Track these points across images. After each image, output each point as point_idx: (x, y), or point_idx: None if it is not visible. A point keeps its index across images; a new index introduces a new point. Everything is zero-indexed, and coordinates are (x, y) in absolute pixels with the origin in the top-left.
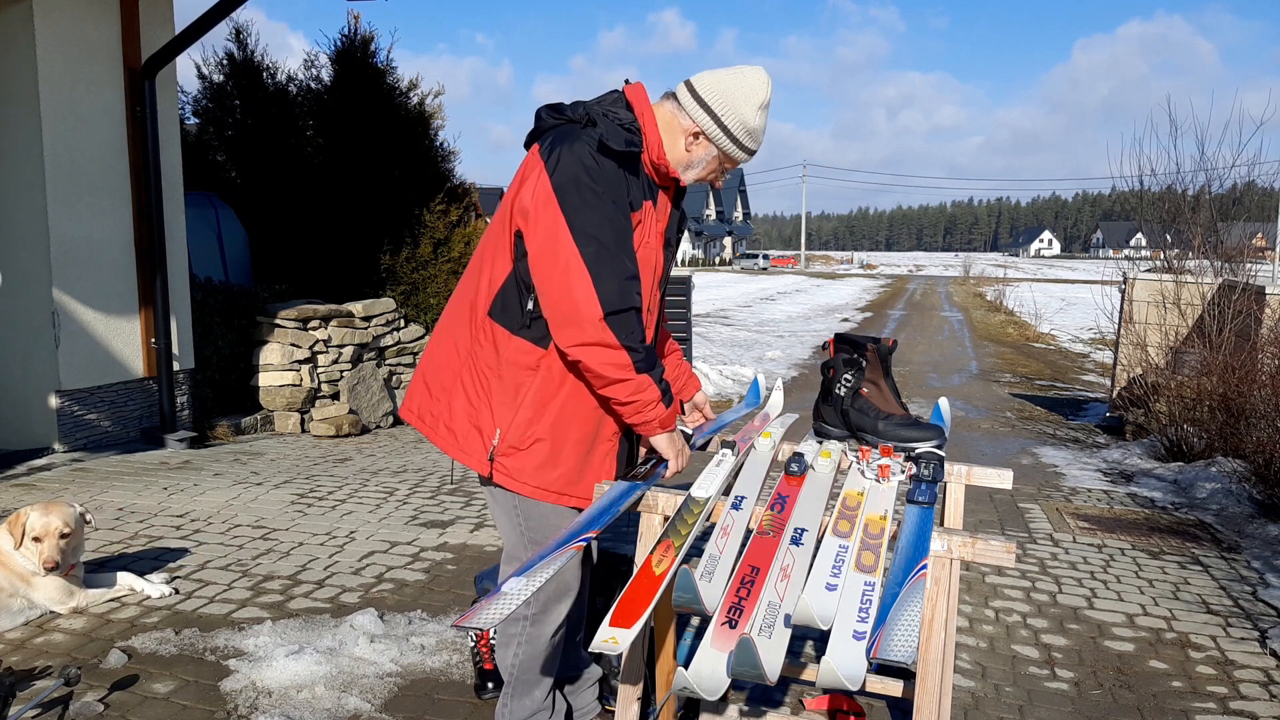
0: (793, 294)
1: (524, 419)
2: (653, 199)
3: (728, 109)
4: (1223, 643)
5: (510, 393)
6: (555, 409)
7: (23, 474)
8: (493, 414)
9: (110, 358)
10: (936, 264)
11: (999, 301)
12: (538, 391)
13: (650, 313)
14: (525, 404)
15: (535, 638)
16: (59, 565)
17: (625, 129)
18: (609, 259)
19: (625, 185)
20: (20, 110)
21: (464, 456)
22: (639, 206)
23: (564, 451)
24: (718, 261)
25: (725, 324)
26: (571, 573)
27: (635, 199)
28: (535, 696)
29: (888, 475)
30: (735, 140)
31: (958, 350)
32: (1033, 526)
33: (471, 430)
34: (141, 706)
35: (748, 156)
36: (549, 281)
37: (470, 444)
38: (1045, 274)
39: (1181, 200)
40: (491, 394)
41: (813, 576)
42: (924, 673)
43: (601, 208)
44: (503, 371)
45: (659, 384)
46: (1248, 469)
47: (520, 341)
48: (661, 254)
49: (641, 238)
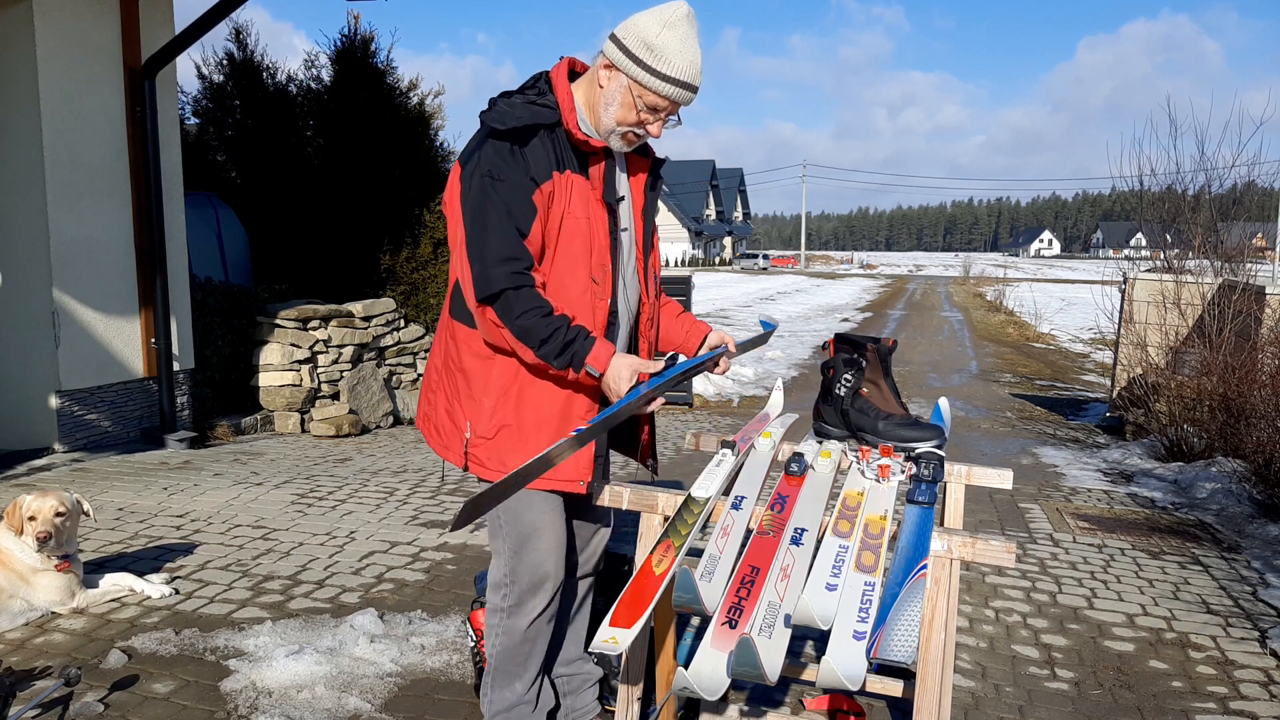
0: (793, 294)
1: (488, 408)
2: (575, 167)
3: (629, 30)
4: (1223, 643)
5: (474, 384)
6: (515, 394)
7: (23, 474)
8: (462, 408)
9: (110, 358)
10: (936, 264)
11: (999, 301)
12: (497, 379)
13: (598, 284)
14: (488, 393)
15: (511, 629)
16: (51, 537)
17: (533, 104)
18: (485, 242)
19: (523, 162)
20: (20, 110)
21: (447, 453)
22: (545, 177)
23: (532, 435)
24: (718, 261)
25: (725, 324)
26: (551, 562)
27: (541, 172)
28: (516, 689)
29: (888, 475)
30: (638, 60)
31: (958, 350)
32: (1033, 526)
33: (451, 426)
34: (141, 707)
35: (660, 84)
36: (455, 270)
37: (451, 440)
38: (1045, 274)
39: (1181, 200)
40: (459, 389)
41: (813, 576)
42: (924, 673)
43: (486, 192)
44: (465, 365)
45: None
46: (1248, 469)
47: (474, 333)
48: (600, 223)
49: (563, 208)
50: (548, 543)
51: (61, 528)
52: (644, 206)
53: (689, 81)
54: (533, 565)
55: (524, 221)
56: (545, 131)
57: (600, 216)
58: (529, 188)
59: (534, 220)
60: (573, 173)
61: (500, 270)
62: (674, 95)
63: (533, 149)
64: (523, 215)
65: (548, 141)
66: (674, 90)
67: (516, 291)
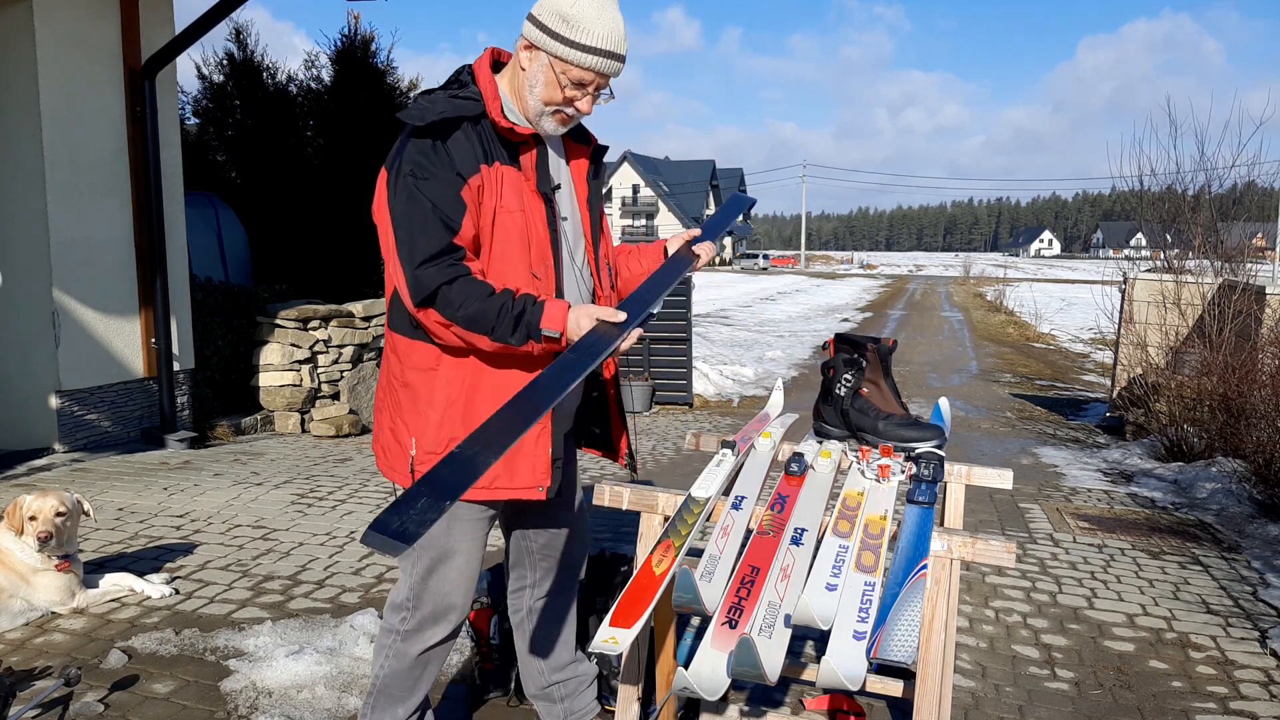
0: (793, 294)
1: (434, 421)
2: (505, 159)
3: (543, 6)
4: (1223, 643)
5: (418, 398)
6: (463, 404)
7: (23, 474)
8: (406, 423)
9: (110, 358)
10: (936, 264)
11: (999, 301)
12: (443, 390)
13: (540, 279)
14: (434, 406)
15: (402, 654)
16: (52, 536)
17: (455, 98)
18: (413, 243)
19: (447, 158)
20: (20, 110)
21: (392, 473)
22: (473, 172)
23: None
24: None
25: (725, 324)
26: (459, 594)
27: (467, 167)
28: (397, 713)
29: (888, 475)
30: (555, 35)
31: (958, 350)
32: (1033, 526)
33: (395, 445)
34: (142, 707)
35: (581, 55)
36: (390, 279)
37: (396, 459)
38: (1045, 274)
39: (1181, 200)
40: (402, 404)
41: (813, 576)
42: (924, 673)
43: (411, 192)
44: (407, 378)
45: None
46: (1248, 469)
47: (414, 344)
48: (537, 215)
49: (494, 203)
50: (459, 571)
51: (62, 528)
52: (588, 196)
53: (611, 50)
54: (439, 594)
55: (454, 218)
56: (469, 124)
57: (536, 208)
58: (456, 184)
59: (464, 216)
60: (502, 165)
61: (431, 269)
62: (597, 66)
63: (456, 143)
64: (452, 211)
65: (473, 134)
66: (596, 60)
67: (451, 285)
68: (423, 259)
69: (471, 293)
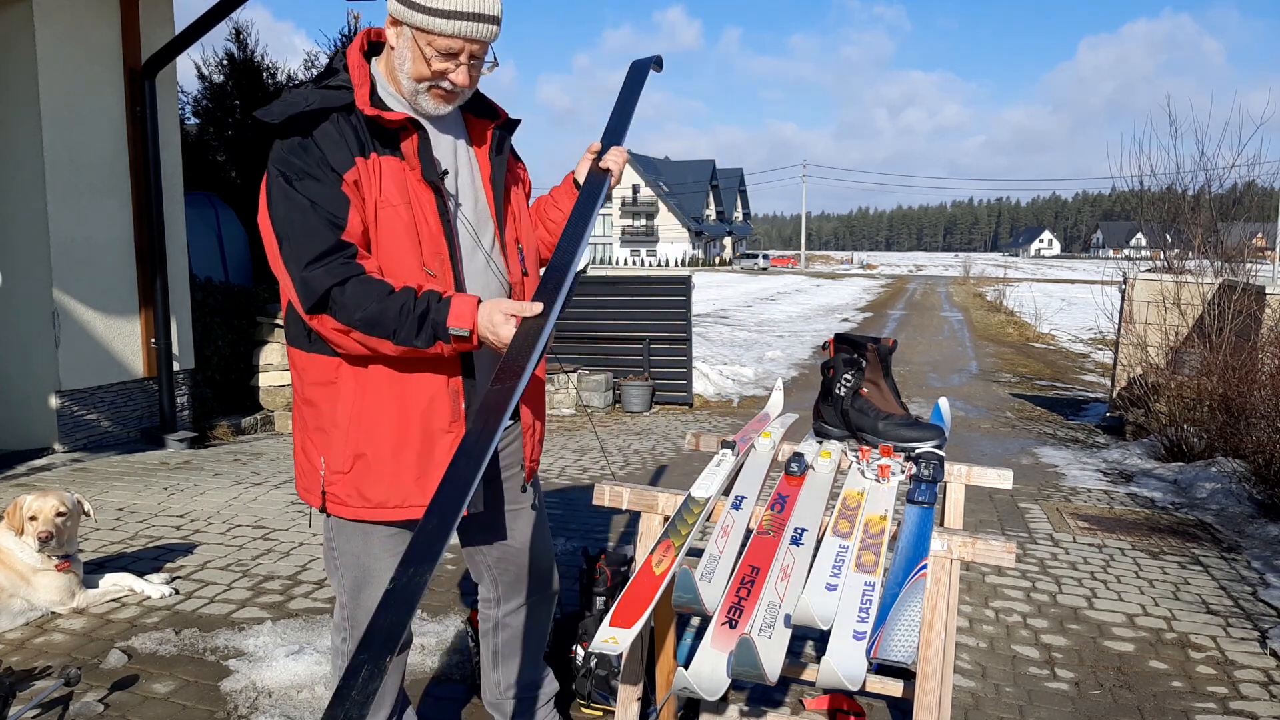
0: (793, 294)
1: (339, 439)
2: (384, 149)
3: None
4: (1223, 643)
5: (322, 415)
6: (366, 418)
7: (22, 474)
8: (314, 442)
9: (110, 358)
10: (936, 264)
11: (999, 301)
12: (345, 405)
13: (435, 276)
14: (336, 423)
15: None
16: (53, 536)
17: (325, 89)
18: (296, 245)
19: (317, 153)
20: (20, 110)
21: (307, 495)
22: (347, 166)
23: (389, 461)
24: (717, 261)
25: (725, 324)
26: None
27: (340, 161)
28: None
29: (888, 475)
30: (413, 4)
31: (958, 350)
32: (1033, 526)
33: (307, 465)
34: (141, 707)
35: (442, 22)
36: (283, 291)
37: (309, 479)
38: (1045, 274)
39: (1181, 200)
40: (308, 422)
41: (813, 576)
42: (924, 673)
43: (286, 194)
44: (308, 394)
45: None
46: (1248, 469)
47: (312, 358)
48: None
49: (375, 199)
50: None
51: (62, 528)
52: (491, 173)
53: (474, 11)
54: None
55: (338, 214)
56: (340, 116)
57: (425, 198)
58: (333, 180)
59: (349, 210)
60: (380, 155)
61: (319, 269)
62: (463, 31)
63: (325, 137)
64: (334, 208)
65: (344, 126)
66: (460, 25)
67: (343, 286)
68: (309, 259)
69: (368, 293)
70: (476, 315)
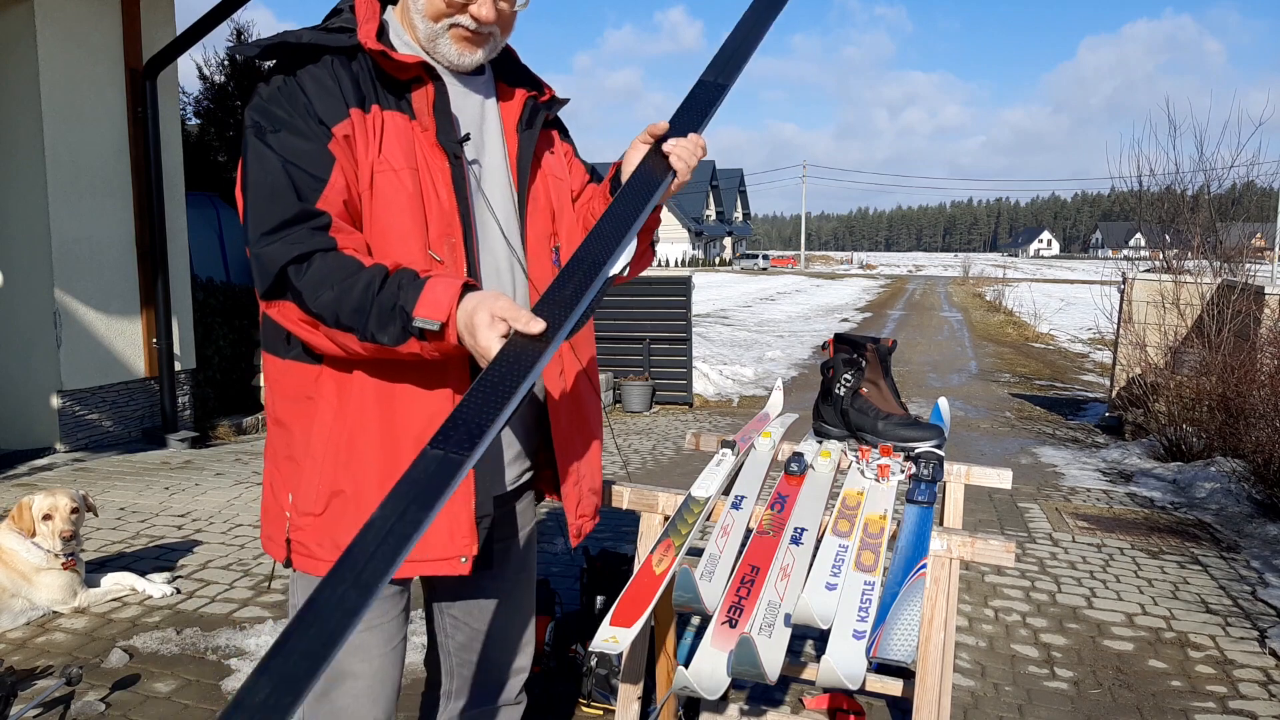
0: (792, 294)
1: (312, 471)
2: (391, 102)
3: None
4: (1222, 642)
5: (293, 439)
6: (347, 445)
7: (24, 474)
8: (282, 474)
9: (112, 358)
10: (936, 264)
11: (998, 301)
12: (322, 428)
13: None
14: (310, 451)
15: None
16: (75, 536)
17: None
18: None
19: (303, 99)
20: (22, 111)
21: (269, 544)
22: (339, 117)
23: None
24: (717, 262)
25: (725, 324)
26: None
27: (331, 111)
28: None
29: (887, 475)
30: None
31: (957, 350)
32: (1032, 526)
33: (273, 504)
34: (143, 706)
35: None
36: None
37: (273, 524)
38: (1044, 274)
39: (1180, 200)
40: (277, 449)
41: (813, 576)
42: (923, 672)
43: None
44: (278, 412)
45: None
46: (1247, 469)
47: (288, 366)
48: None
49: (371, 160)
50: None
51: (77, 523)
52: (519, 151)
53: None
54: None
55: (315, 174)
56: (337, 59)
57: (438, 166)
58: (318, 134)
59: (332, 170)
60: (385, 109)
61: (275, 243)
62: None
63: (315, 81)
64: (311, 166)
65: (342, 72)
66: None
67: (303, 263)
68: (265, 229)
69: (333, 271)
70: (456, 303)
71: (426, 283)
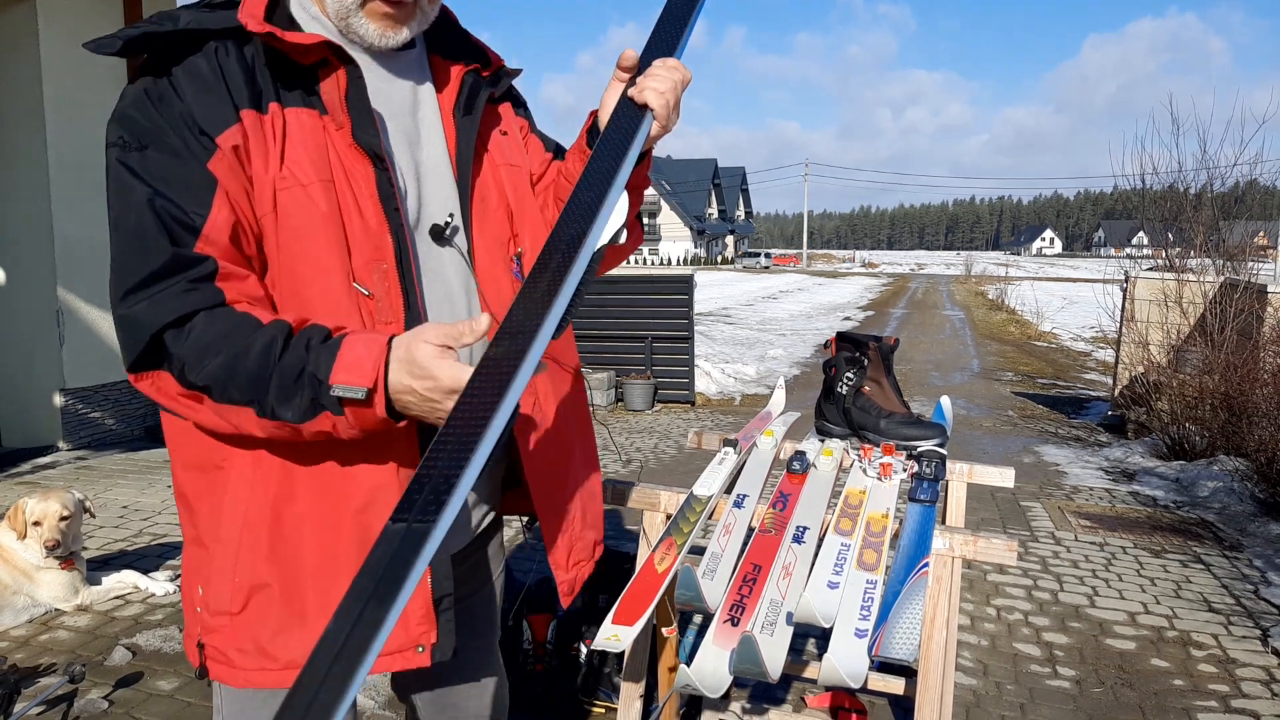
0: (795, 292)
1: (224, 560)
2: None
3: None
4: (1224, 641)
5: (197, 519)
6: (270, 526)
7: (27, 472)
8: (191, 563)
9: (114, 356)
10: (938, 262)
11: (1000, 300)
12: (234, 505)
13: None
14: (221, 535)
15: None
16: (59, 544)
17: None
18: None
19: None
20: (24, 110)
21: (189, 642)
22: (225, 123)
23: (313, 594)
24: (720, 260)
25: (727, 322)
26: None
27: (214, 116)
28: None
29: (889, 473)
30: None
31: (959, 349)
32: (1035, 525)
33: (186, 591)
34: (146, 704)
35: None
36: None
37: (189, 618)
38: (1047, 272)
39: (1184, 199)
40: (185, 529)
41: (815, 574)
42: (925, 670)
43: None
44: (183, 486)
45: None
46: (1250, 467)
47: (187, 429)
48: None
49: (267, 173)
50: None
51: (67, 531)
52: (457, 142)
53: None
54: None
55: (187, 208)
56: (225, 47)
57: (359, 174)
58: (197, 148)
59: (213, 200)
60: (285, 106)
61: (142, 302)
62: None
63: (192, 78)
64: (188, 192)
65: (231, 62)
66: None
67: (183, 327)
68: (130, 286)
69: (220, 333)
70: (382, 363)
71: (343, 341)
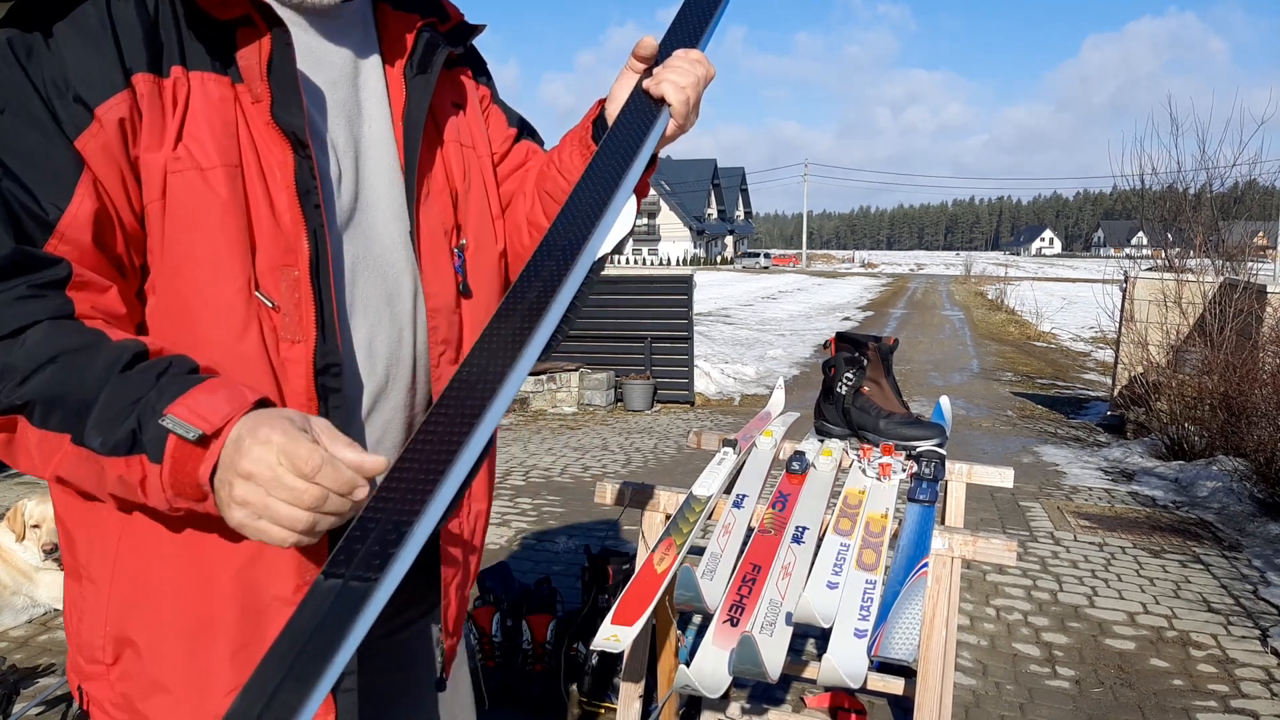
0: (794, 293)
1: (97, 602)
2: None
3: None
4: (1224, 641)
5: (75, 549)
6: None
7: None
8: (69, 594)
9: None
10: (938, 263)
11: (1000, 300)
12: (113, 545)
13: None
14: (94, 571)
15: None
16: (58, 548)
17: None
18: None
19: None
20: None
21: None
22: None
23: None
24: (719, 260)
25: (727, 323)
26: None
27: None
28: None
29: (889, 474)
30: None
31: (959, 349)
32: (1034, 525)
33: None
34: None
35: None
36: None
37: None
38: (1046, 273)
39: (1183, 199)
40: (65, 557)
41: (814, 575)
42: (925, 671)
43: None
44: (59, 508)
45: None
46: (1249, 468)
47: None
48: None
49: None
50: None
51: None
52: (405, 110)
53: None
54: None
55: (47, 188)
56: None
57: (274, 157)
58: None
59: (78, 182)
60: (191, 70)
61: None
62: None
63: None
64: (42, 176)
65: (132, 14)
66: None
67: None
68: None
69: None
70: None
71: (207, 381)
